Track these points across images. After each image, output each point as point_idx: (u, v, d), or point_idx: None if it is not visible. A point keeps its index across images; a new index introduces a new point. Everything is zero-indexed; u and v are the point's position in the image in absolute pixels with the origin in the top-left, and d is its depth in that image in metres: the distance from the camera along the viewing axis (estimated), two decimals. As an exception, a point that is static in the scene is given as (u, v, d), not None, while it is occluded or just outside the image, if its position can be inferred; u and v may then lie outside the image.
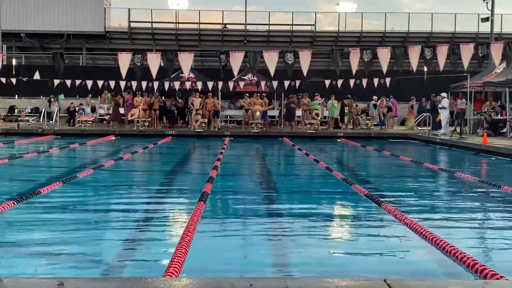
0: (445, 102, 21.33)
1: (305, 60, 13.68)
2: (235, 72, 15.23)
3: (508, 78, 19.50)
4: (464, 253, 4.64)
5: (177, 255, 4.44)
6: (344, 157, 17.25)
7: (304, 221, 6.59)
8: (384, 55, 13.73)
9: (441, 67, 14.48)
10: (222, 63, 13.96)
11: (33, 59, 35.71)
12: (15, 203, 6.82)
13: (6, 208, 6.50)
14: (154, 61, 14.43)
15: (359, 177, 10.89)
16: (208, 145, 19.00)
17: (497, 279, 3.96)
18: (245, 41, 36.43)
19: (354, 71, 15.03)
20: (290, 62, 13.69)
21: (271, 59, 13.59)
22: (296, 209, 7.50)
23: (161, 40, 37.12)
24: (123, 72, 14.46)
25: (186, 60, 14.41)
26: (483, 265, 4.27)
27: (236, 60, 13.70)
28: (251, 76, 23.96)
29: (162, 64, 14.92)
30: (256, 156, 16.24)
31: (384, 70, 13.85)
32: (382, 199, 7.42)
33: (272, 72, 13.93)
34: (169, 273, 4.00)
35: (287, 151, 17.81)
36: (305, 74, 13.87)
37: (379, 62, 14.91)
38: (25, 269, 4.54)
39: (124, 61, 14.57)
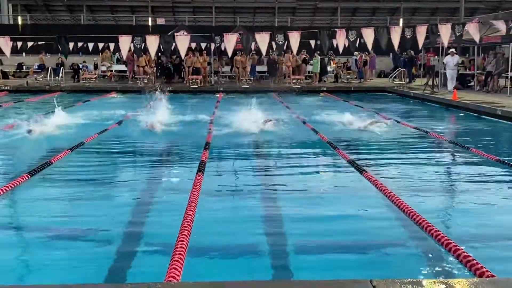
0: (456, 59, 19.52)
1: (294, 40, 13.33)
2: (229, 53, 15.08)
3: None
4: (432, 226, 4.44)
5: (183, 230, 4.27)
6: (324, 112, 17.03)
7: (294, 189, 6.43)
8: (369, 35, 13.40)
9: (420, 45, 14.36)
10: (216, 44, 13.63)
11: (38, 18, 34.53)
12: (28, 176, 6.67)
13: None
14: (153, 43, 14.22)
15: (334, 133, 10.55)
16: (204, 101, 18.63)
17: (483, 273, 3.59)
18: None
19: (341, 50, 14.71)
20: (280, 43, 13.39)
21: (262, 41, 13.26)
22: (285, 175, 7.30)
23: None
24: (124, 53, 14.38)
25: (182, 42, 14.28)
26: (456, 245, 4.23)
27: (230, 41, 13.39)
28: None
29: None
30: (247, 113, 15.95)
31: (370, 47, 13.56)
32: (352, 157, 7.36)
33: (264, 52, 13.65)
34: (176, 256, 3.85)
35: (273, 107, 17.51)
36: (294, 51, 13.49)
37: (361, 23, 14.56)
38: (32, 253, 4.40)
39: (125, 43, 14.43)
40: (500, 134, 11.71)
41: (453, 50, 19.39)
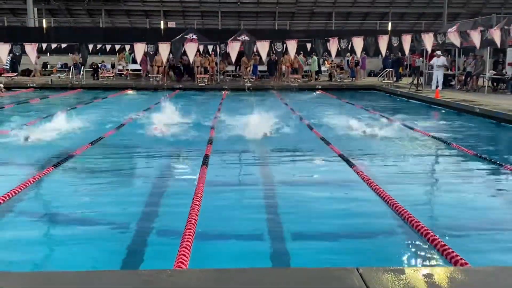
0: (441, 61, 18.92)
1: (291, 47, 13.34)
2: (233, 58, 15.31)
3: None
4: (414, 217, 4.48)
5: (190, 220, 4.31)
6: (319, 108, 16.98)
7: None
8: (358, 43, 13.36)
9: (406, 52, 14.34)
10: (221, 51, 13.69)
11: (61, 21, 34.46)
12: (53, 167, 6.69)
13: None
14: (165, 50, 14.40)
15: (327, 129, 10.47)
16: (210, 97, 18.58)
17: (461, 264, 3.55)
18: (239, 3, 35.13)
19: (333, 56, 14.72)
20: (279, 50, 13.41)
21: (263, 48, 13.30)
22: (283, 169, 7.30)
23: (166, 2, 35.85)
24: (138, 57, 14.96)
25: (191, 49, 14.49)
26: (435, 236, 4.24)
27: (233, 47, 13.42)
28: (244, 37, 23.22)
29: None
30: (249, 109, 15.91)
31: (358, 54, 13.53)
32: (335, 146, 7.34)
33: (264, 57, 13.70)
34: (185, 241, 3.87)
35: (273, 104, 17.45)
36: (292, 55, 13.50)
37: (353, 26, 14.50)
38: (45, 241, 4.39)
39: (139, 49, 14.62)
40: (478, 130, 11.68)
41: (438, 52, 19.12)
